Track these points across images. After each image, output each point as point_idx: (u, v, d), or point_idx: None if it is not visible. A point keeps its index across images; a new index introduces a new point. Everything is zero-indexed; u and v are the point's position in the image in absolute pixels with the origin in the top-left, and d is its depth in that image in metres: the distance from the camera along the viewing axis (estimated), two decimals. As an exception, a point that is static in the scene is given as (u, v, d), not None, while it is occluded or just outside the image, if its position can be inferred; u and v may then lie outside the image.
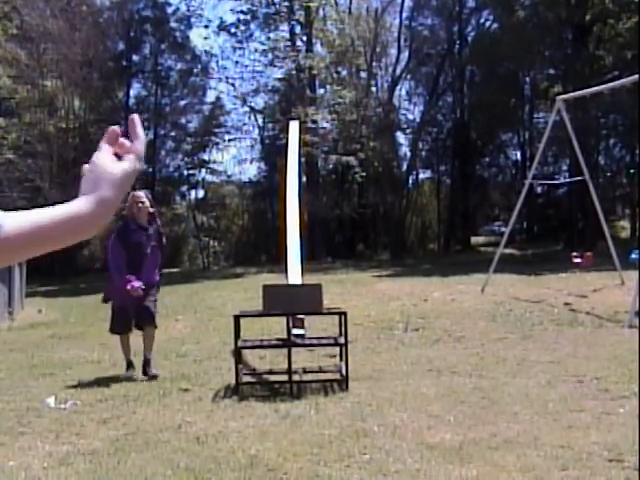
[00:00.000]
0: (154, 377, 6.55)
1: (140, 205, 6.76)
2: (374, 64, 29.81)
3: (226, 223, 34.03)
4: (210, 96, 32.69)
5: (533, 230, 33.00)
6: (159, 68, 31.11)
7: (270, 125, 31.64)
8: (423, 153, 33.00)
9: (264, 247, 30.00)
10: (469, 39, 31.75)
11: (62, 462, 4.11)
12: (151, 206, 6.86)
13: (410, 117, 33.06)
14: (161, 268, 7.25)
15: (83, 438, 4.62)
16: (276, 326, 7.46)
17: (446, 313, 10.13)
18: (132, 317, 6.78)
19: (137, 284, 6.56)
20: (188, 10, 30.32)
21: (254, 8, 28.49)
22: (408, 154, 32.04)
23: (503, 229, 23.09)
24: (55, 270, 24.90)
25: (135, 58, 31.49)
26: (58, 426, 4.92)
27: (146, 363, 6.75)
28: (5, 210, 0.93)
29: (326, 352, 7.08)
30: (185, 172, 31.54)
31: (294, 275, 8.06)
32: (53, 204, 0.97)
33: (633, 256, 12.93)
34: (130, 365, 6.84)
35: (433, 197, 34.91)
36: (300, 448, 4.14)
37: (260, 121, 31.64)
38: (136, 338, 6.99)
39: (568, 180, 22.01)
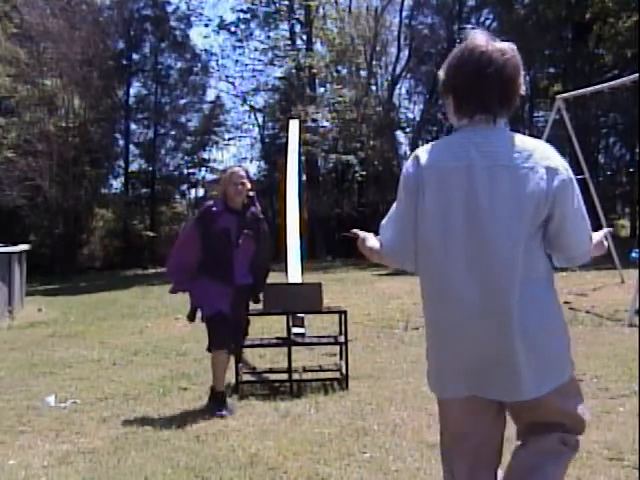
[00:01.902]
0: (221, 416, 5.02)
1: (240, 186, 5.27)
2: (374, 63, 29.79)
3: (226, 222, 33.97)
4: (210, 95, 32.84)
5: (533, 229, 32.97)
6: (159, 67, 31.15)
7: (270, 124, 31.69)
8: (423, 152, 32.97)
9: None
10: (469, 38, 31.72)
11: (62, 461, 4.12)
12: (251, 188, 5.36)
13: (410, 116, 33.08)
14: (263, 267, 5.47)
15: (83, 437, 4.62)
16: (276, 325, 7.45)
17: (446, 312, 10.11)
18: (226, 327, 5.15)
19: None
20: (188, 9, 30.42)
21: (254, 7, 28.55)
22: (408, 153, 32.04)
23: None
24: (55, 269, 24.90)
25: (135, 57, 31.53)
26: (58, 425, 4.92)
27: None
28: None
29: (326, 351, 7.08)
30: (185, 171, 31.56)
31: (294, 274, 8.06)
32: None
33: (633, 255, 12.92)
34: (221, 400, 5.14)
35: (433, 196, 34.94)
36: (300, 447, 4.14)
37: (260, 120, 31.70)
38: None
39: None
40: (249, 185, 5.31)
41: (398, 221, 2.19)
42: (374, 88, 30.48)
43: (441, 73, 2.22)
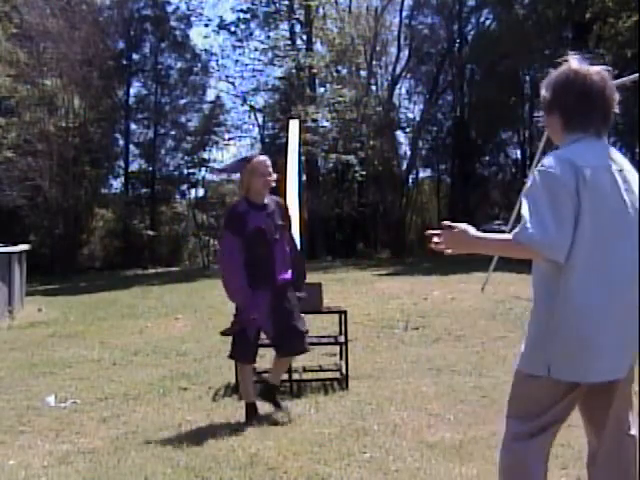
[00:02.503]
0: (280, 407, 4.96)
1: (268, 177, 4.79)
2: (374, 63, 29.78)
3: (226, 222, 33.97)
4: (210, 95, 32.67)
5: (533, 229, 32.91)
6: (159, 67, 31.11)
7: (270, 124, 31.63)
8: (423, 152, 32.96)
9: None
10: (469, 38, 31.73)
11: (62, 461, 4.12)
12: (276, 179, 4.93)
13: (410, 116, 33.04)
14: (300, 254, 5.18)
15: (83, 437, 4.62)
16: (276, 325, 7.44)
17: (446, 312, 10.13)
18: (254, 340, 4.85)
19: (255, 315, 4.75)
20: (188, 9, 30.31)
21: (254, 7, 28.50)
22: (408, 153, 32.03)
23: (503, 227, 23.00)
24: (55, 269, 24.89)
25: (135, 57, 31.49)
26: (58, 425, 4.93)
27: (273, 389, 5.10)
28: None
29: (326, 351, 7.09)
30: (185, 171, 31.51)
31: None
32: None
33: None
34: (252, 411, 4.86)
35: (433, 196, 34.89)
36: (300, 447, 4.14)
37: (260, 120, 31.63)
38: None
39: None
40: (275, 175, 4.83)
41: (555, 215, 2.32)
42: (374, 88, 30.46)
43: (545, 93, 2.54)
